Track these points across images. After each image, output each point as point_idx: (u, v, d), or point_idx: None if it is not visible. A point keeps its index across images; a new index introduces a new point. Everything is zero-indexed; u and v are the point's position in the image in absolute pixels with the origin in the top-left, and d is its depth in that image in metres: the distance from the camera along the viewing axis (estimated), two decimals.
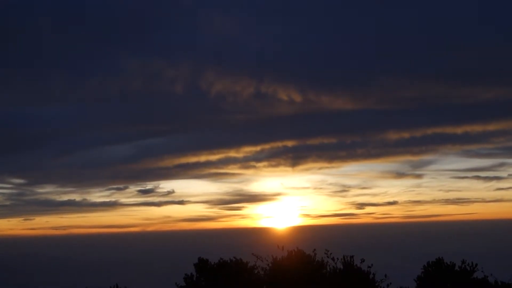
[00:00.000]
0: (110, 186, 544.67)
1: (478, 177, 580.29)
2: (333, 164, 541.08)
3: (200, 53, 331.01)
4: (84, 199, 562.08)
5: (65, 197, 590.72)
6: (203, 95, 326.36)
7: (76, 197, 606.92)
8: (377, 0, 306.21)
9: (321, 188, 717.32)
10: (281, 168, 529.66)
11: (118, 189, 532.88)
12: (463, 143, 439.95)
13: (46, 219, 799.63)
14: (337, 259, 32.82)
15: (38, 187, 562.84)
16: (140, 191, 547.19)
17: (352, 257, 32.87)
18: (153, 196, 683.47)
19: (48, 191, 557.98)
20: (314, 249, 33.78)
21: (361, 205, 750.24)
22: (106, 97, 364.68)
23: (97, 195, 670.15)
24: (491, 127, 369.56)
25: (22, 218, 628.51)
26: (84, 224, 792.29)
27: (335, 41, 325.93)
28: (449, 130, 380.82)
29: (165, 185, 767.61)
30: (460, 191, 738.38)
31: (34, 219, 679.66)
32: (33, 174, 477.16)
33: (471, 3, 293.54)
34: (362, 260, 32.61)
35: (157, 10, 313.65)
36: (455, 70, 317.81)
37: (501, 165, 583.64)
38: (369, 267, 32.49)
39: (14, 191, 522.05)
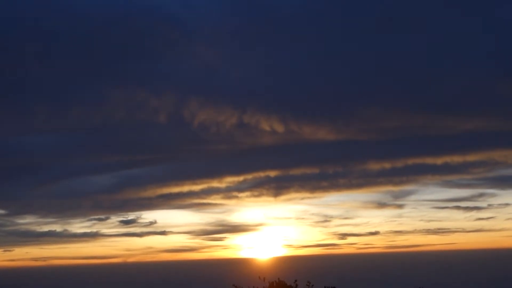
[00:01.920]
0: (92, 217, 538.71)
1: (458, 207, 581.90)
2: (315, 194, 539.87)
3: (184, 83, 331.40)
4: (65, 230, 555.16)
5: (45, 228, 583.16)
6: (186, 125, 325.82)
7: (57, 227, 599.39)
8: (362, 34, 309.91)
9: (303, 218, 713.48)
10: (264, 198, 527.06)
11: (100, 219, 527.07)
12: (443, 173, 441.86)
13: (26, 250, 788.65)
14: None
15: (18, 218, 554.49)
16: (121, 221, 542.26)
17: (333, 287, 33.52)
18: (135, 226, 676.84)
19: (28, 221, 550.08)
20: (296, 280, 34.16)
21: (343, 235, 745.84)
22: (88, 126, 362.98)
23: (78, 226, 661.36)
24: (471, 157, 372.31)
25: (2, 249, 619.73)
26: (64, 255, 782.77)
27: (317, 74, 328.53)
28: (429, 160, 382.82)
29: (147, 216, 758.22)
30: (440, 221, 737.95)
31: (13, 250, 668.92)
32: (13, 205, 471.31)
33: (452, 37, 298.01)
34: None
35: (141, 40, 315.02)
36: (435, 102, 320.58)
37: (481, 195, 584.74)
38: None
39: None
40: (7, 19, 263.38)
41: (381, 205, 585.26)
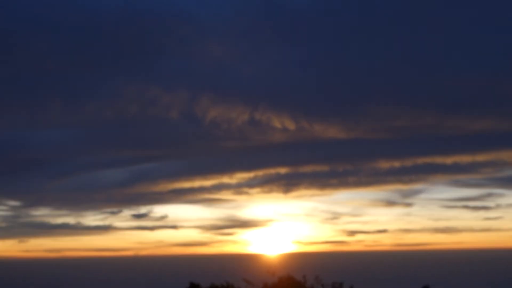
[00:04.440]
0: (105, 210, 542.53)
1: (466, 207, 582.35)
2: (324, 192, 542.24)
3: (196, 80, 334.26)
4: (78, 222, 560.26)
5: (59, 220, 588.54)
6: (198, 122, 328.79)
7: (71, 220, 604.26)
8: (371, 32, 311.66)
9: (312, 215, 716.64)
10: (274, 194, 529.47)
11: (112, 213, 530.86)
12: (452, 173, 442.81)
13: (41, 242, 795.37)
14: (327, 285, 34.36)
15: (33, 210, 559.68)
16: (134, 215, 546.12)
17: (341, 284, 34.81)
18: (147, 220, 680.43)
19: (43, 213, 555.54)
20: (304, 275, 36.22)
21: (352, 233, 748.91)
22: (102, 121, 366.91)
23: (91, 219, 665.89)
24: (480, 157, 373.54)
25: (17, 240, 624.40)
26: (77, 247, 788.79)
27: (329, 71, 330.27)
28: (439, 160, 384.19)
29: (159, 210, 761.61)
30: (449, 220, 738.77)
31: (28, 241, 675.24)
32: (28, 197, 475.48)
33: (462, 36, 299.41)
34: (351, 287, 35.42)
35: (154, 37, 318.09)
36: (446, 101, 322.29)
37: (489, 195, 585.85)
38: None
39: (9, 213, 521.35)
40: (18, 13, 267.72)
41: (390, 203, 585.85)
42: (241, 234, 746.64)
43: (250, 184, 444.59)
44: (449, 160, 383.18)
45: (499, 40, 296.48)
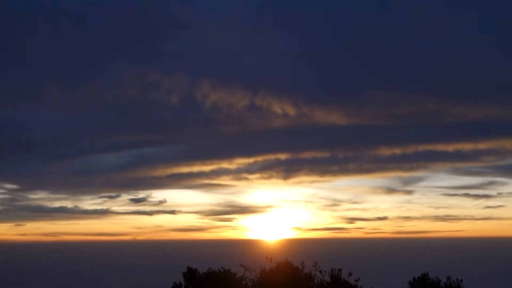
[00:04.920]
0: (102, 194, 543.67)
1: (467, 195, 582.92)
2: (325, 178, 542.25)
3: (196, 64, 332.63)
4: (76, 206, 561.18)
5: (57, 204, 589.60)
6: (198, 106, 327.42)
7: (68, 204, 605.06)
8: (374, 18, 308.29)
9: (312, 202, 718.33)
10: (273, 180, 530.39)
11: (110, 197, 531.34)
12: (453, 160, 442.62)
13: (37, 225, 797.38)
14: (325, 272, 33.23)
15: (30, 193, 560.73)
16: (132, 199, 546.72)
17: (339, 270, 33.26)
18: (145, 205, 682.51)
19: (40, 197, 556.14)
20: (303, 262, 34.11)
21: (352, 220, 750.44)
22: (102, 105, 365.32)
23: (89, 203, 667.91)
24: (482, 145, 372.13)
25: (14, 224, 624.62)
26: (75, 231, 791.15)
27: (330, 57, 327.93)
28: (440, 147, 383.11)
29: (157, 195, 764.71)
30: (449, 208, 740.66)
31: (25, 225, 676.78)
32: (26, 180, 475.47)
33: (466, 22, 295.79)
34: (350, 274, 33.03)
35: (155, 21, 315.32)
36: (448, 88, 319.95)
37: (491, 183, 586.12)
38: (356, 280, 32.96)
39: (6, 196, 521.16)
40: None
41: (390, 190, 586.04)
42: (240, 220, 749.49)
43: (250, 169, 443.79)
44: (450, 147, 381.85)
45: (501, 29, 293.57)
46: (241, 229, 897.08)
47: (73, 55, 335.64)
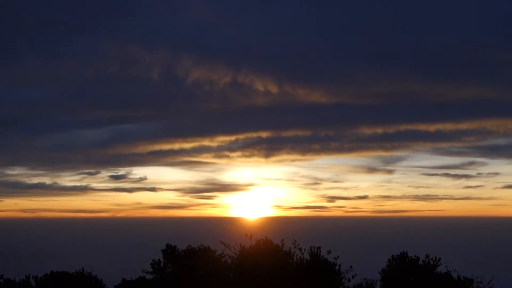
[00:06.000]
0: (82, 171, 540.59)
1: (447, 175, 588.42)
2: (306, 157, 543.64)
3: (178, 39, 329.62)
4: (55, 183, 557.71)
5: (35, 180, 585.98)
6: (179, 83, 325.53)
7: (47, 180, 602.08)
8: None
9: (293, 180, 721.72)
10: (255, 158, 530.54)
11: (90, 173, 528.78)
12: (434, 140, 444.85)
13: (15, 201, 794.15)
14: (305, 250, 33.32)
15: (7, 169, 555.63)
16: (112, 176, 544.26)
17: (319, 248, 33.41)
18: (125, 182, 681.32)
19: (18, 173, 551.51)
20: (282, 239, 34.19)
21: (332, 198, 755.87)
22: (81, 80, 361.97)
23: (68, 179, 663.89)
24: (463, 126, 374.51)
25: None
26: (53, 207, 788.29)
27: (314, 35, 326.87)
28: (422, 127, 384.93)
29: (138, 172, 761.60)
30: (429, 188, 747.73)
31: (2, 200, 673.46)
32: (3, 156, 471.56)
33: (449, 2, 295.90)
34: (329, 252, 33.17)
35: None
36: (431, 69, 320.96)
37: (471, 163, 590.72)
38: (335, 258, 33.03)
39: None
40: None
41: (371, 169, 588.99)
42: (220, 198, 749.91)
43: (231, 147, 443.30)
44: (432, 127, 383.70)
45: (483, 9, 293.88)
46: (221, 206, 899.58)
47: (52, 29, 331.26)
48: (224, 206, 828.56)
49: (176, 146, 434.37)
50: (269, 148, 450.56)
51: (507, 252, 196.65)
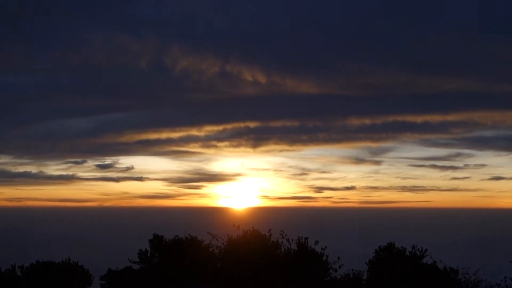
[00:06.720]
0: (68, 160, 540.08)
1: (434, 166, 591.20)
2: (294, 147, 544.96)
3: (166, 28, 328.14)
4: (41, 172, 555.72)
5: (21, 169, 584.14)
6: (167, 72, 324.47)
7: (33, 169, 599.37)
8: None
9: (281, 171, 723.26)
10: (242, 148, 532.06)
11: (76, 162, 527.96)
12: (422, 132, 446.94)
13: (1, 190, 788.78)
14: (292, 240, 33.39)
15: None
16: (98, 165, 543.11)
17: (306, 239, 33.53)
18: (112, 171, 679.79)
19: (3, 161, 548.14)
20: (270, 230, 34.26)
21: (320, 189, 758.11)
22: (68, 68, 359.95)
23: (54, 168, 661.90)
24: (451, 117, 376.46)
25: None
26: (39, 196, 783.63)
27: (303, 26, 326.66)
28: (410, 118, 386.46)
29: (125, 161, 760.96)
30: (416, 179, 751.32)
31: None
32: None
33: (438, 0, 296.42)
34: (316, 242, 33.27)
35: None
36: (419, 60, 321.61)
37: (458, 155, 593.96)
38: (322, 249, 33.13)
39: None
40: None
41: (358, 160, 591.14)
42: (208, 188, 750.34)
43: (219, 137, 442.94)
44: (420, 119, 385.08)
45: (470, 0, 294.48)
46: (209, 196, 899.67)
47: (39, 17, 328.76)
48: (212, 196, 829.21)
49: (164, 135, 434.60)
50: (257, 138, 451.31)
51: (493, 243, 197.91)
